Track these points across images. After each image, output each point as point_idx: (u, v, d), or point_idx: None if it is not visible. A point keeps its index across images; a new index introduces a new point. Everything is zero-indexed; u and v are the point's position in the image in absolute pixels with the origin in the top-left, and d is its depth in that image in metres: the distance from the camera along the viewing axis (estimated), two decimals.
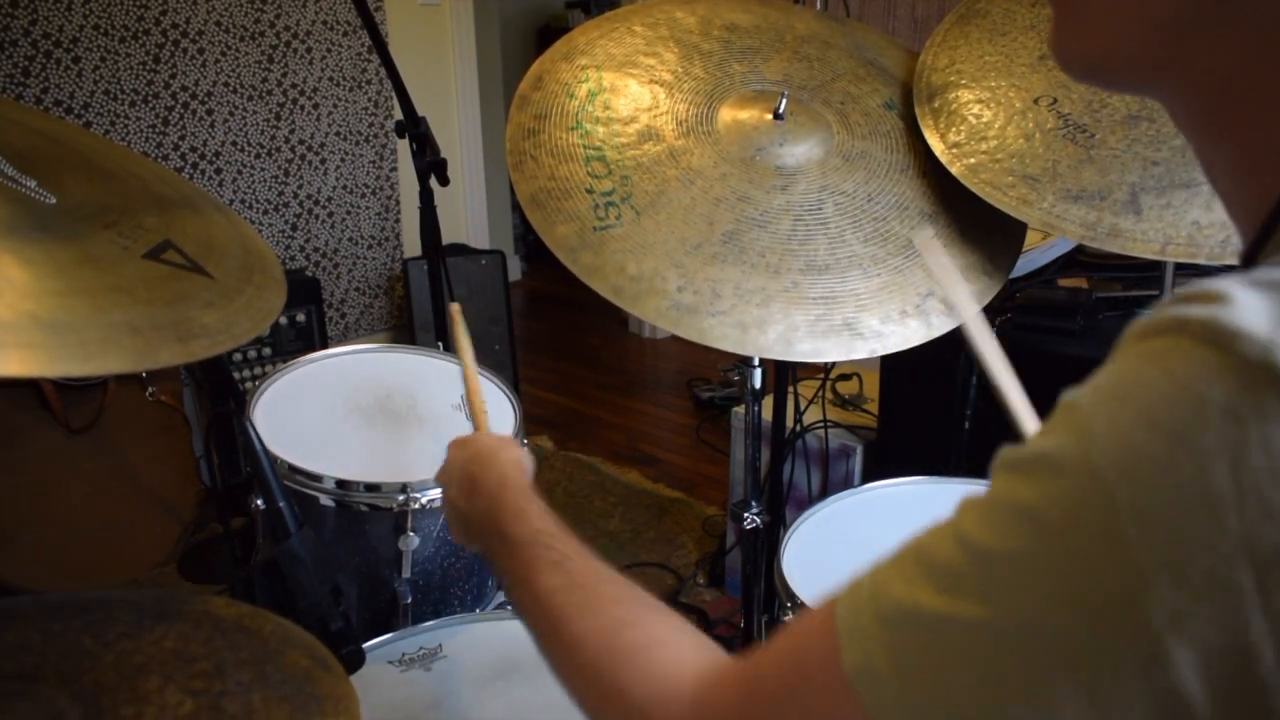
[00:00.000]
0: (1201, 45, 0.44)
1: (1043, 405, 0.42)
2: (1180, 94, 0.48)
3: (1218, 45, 0.44)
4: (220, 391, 1.10)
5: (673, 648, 0.59)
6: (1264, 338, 0.35)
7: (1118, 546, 0.35)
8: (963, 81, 1.28)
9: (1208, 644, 0.34)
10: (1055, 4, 0.50)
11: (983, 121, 1.23)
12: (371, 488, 1.26)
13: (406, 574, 1.28)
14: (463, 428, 1.41)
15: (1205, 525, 0.34)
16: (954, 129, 1.24)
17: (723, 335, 1.09)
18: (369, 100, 3.43)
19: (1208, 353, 0.35)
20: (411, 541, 1.26)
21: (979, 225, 1.22)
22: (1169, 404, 0.36)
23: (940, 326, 1.15)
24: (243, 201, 3.18)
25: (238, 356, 2.89)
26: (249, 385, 2.62)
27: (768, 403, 1.72)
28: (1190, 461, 0.35)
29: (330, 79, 3.31)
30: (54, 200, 0.75)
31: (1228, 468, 0.34)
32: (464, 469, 0.82)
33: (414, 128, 1.73)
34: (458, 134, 3.81)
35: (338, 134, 3.37)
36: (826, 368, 2.26)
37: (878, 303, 1.13)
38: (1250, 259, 0.44)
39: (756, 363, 1.46)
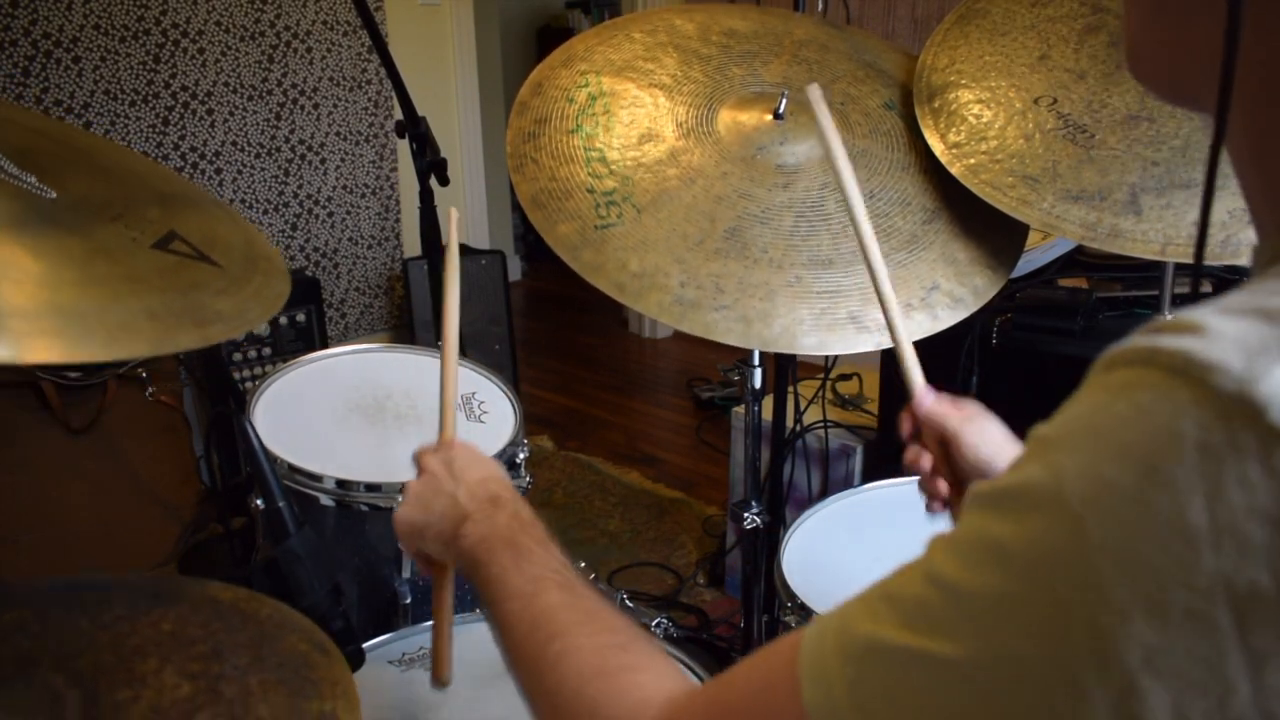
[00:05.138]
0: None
1: (1043, 406, 0.42)
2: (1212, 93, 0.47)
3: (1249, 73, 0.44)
4: (220, 391, 1.11)
5: (652, 673, 0.60)
6: (1238, 371, 0.34)
7: (1092, 583, 0.35)
8: (963, 81, 1.28)
9: (1182, 681, 0.34)
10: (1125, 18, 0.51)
11: (983, 121, 1.23)
12: (372, 487, 1.26)
13: (406, 574, 1.28)
14: (464, 428, 1.41)
15: (1181, 561, 0.34)
16: (954, 129, 1.24)
17: (727, 329, 1.09)
18: (369, 100, 3.43)
19: (1180, 385, 0.35)
20: None
21: (983, 220, 1.23)
22: (1141, 438, 0.35)
23: (946, 320, 1.15)
24: (243, 201, 3.18)
25: (238, 356, 2.89)
26: (249, 385, 2.61)
27: (768, 403, 1.72)
28: (1165, 497, 0.34)
29: (330, 79, 3.31)
30: (54, 195, 0.75)
31: (1203, 503, 0.33)
32: (484, 484, 0.80)
33: (414, 128, 1.73)
34: (458, 134, 3.81)
35: (338, 134, 3.37)
36: (826, 367, 2.26)
37: None
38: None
39: (756, 362, 1.46)
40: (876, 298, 0.93)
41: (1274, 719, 0.34)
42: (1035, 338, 1.77)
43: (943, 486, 0.88)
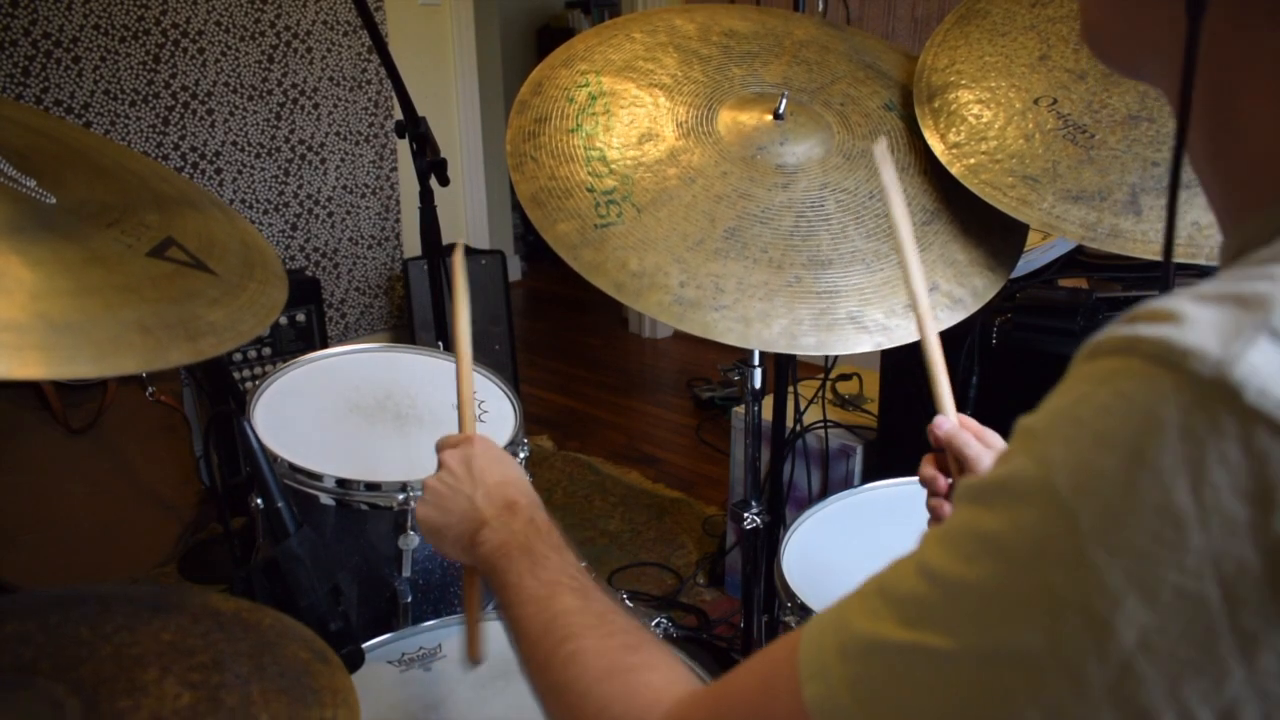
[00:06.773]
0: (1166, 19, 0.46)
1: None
2: (1165, 75, 0.49)
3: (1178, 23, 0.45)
4: (220, 391, 1.11)
5: (661, 674, 0.61)
6: (1215, 355, 0.35)
7: (1085, 569, 0.36)
8: (963, 82, 1.28)
9: (1177, 663, 0.35)
10: None
11: (983, 122, 1.23)
12: (371, 487, 1.26)
13: (406, 573, 1.28)
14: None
15: (1171, 543, 0.34)
16: (954, 129, 1.24)
17: (726, 330, 1.09)
18: (369, 100, 3.43)
19: (1160, 372, 0.36)
20: (411, 541, 1.26)
21: (982, 221, 1.23)
22: (1125, 425, 0.36)
23: (945, 320, 1.15)
24: (243, 201, 3.18)
25: (238, 356, 2.89)
26: (249, 385, 2.61)
27: (768, 403, 1.72)
28: (1151, 481, 0.35)
29: (330, 79, 3.31)
30: (53, 200, 0.75)
31: (1188, 485, 0.34)
32: (501, 488, 0.80)
33: (414, 128, 1.73)
34: (458, 134, 3.81)
35: (338, 134, 3.37)
36: (826, 367, 2.26)
37: (881, 297, 1.14)
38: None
39: (757, 362, 1.46)
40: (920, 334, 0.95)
41: (1269, 700, 0.34)
42: (1035, 338, 1.77)
43: (946, 509, 0.90)
